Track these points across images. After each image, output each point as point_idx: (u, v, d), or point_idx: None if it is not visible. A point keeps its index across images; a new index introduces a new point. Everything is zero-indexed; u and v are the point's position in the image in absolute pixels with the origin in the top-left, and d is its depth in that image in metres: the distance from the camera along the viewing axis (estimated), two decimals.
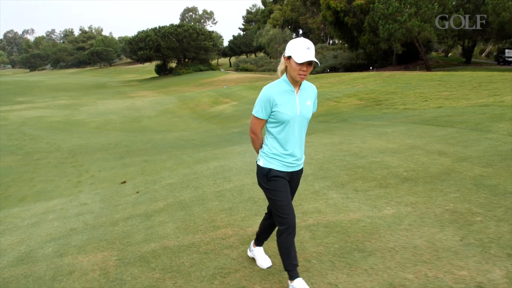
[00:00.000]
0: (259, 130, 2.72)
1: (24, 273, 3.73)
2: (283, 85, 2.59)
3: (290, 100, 2.58)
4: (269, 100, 2.55)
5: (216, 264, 3.31)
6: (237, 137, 11.81)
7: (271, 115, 2.60)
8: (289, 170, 2.71)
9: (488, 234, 3.38)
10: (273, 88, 2.58)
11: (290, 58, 2.47)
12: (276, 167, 2.66)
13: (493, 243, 3.22)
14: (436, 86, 18.23)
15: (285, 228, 2.64)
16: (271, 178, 2.65)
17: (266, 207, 3.02)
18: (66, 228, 4.86)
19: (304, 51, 2.42)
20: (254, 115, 2.65)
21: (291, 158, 2.68)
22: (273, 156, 2.67)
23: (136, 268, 3.45)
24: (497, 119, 8.12)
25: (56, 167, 9.80)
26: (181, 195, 5.47)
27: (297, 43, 2.46)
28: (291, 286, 2.68)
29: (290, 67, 2.49)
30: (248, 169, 6.38)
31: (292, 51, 2.45)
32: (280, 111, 2.55)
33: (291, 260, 2.67)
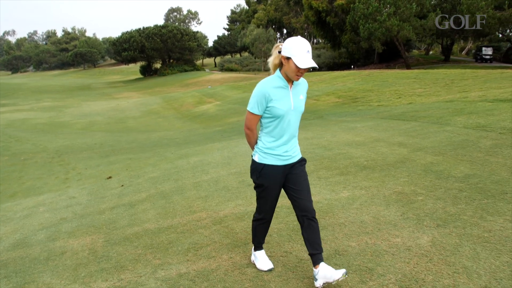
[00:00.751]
0: (254, 125, 2.77)
1: (20, 255, 4.18)
2: (277, 81, 2.65)
3: (284, 96, 2.64)
4: (264, 96, 2.61)
5: (191, 241, 3.81)
6: (218, 135, 12.30)
7: (266, 110, 2.65)
8: (285, 163, 2.77)
9: (425, 210, 3.94)
10: (268, 84, 2.63)
11: (290, 60, 2.51)
12: (270, 161, 2.73)
13: (427, 217, 3.78)
14: (411, 83, 18.97)
15: (261, 218, 2.97)
16: (263, 174, 2.75)
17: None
18: (56, 218, 5.30)
19: (305, 55, 2.48)
20: (250, 111, 2.69)
21: (285, 151, 2.75)
22: (267, 151, 2.73)
23: (121, 247, 3.92)
24: (457, 113, 8.76)
25: (44, 166, 10.17)
26: (162, 187, 5.95)
27: (298, 45, 2.49)
28: (253, 254, 3.18)
29: (288, 67, 2.55)
30: (225, 163, 6.88)
31: (293, 53, 2.49)
32: (275, 106, 2.61)
33: (259, 239, 3.11)
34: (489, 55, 45.34)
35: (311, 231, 2.77)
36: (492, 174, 4.80)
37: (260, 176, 2.76)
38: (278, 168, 2.75)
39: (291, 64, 2.51)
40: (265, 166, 2.74)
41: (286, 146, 2.74)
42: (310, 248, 2.79)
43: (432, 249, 3.17)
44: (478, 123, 7.50)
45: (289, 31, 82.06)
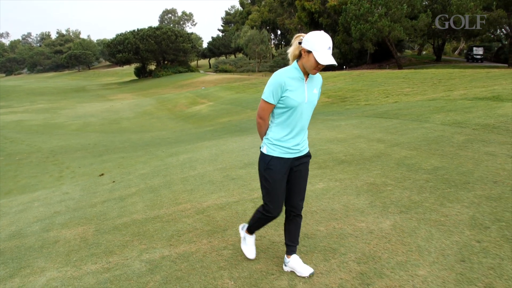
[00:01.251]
0: (267, 115, 2.74)
1: (16, 245, 4.46)
2: (294, 72, 2.62)
3: (300, 87, 2.63)
4: (280, 85, 2.59)
5: (174, 228, 4.11)
6: (209, 134, 12.61)
7: (280, 100, 2.63)
8: (292, 156, 2.76)
9: (391, 198, 4.27)
10: (285, 74, 2.61)
11: (310, 54, 2.48)
12: (278, 154, 2.72)
13: (393, 204, 4.10)
14: (400, 83, 19.36)
15: (265, 215, 2.91)
16: (270, 166, 2.73)
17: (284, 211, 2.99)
18: (50, 211, 5.59)
19: (326, 51, 2.46)
20: (264, 100, 2.67)
21: (293, 144, 2.74)
22: (276, 142, 2.72)
23: (110, 235, 4.22)
24: (437, 111, 9.11)
25: (38, 165, 10.43)
26: (151, 182, 6.26)
27: (320, 40, 2.46)
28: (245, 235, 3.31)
29: (307, 60, 2.52)
30: (212, 159, 7.19)
31: (315, 47, 2.46)
32: (289, 96, 2.59)
33: (256, 228, 3.18)
34: (480, 55, 45.89)
35: (294, 225, 2.95)
36: (459, 166, 5.14)
37: (267, 168, 2.75)
38: (285, 160, 2.75)
39: (311, 58, 2.49)
40: (272, 158, 2.74)
41: (296, 139, 2.74)
42: (288, 239, 2.98)
43: (392, 232, 3.50)
44: (455, 120, 7.86)
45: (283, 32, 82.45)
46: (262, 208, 2.94)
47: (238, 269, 3.13)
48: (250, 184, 5.27)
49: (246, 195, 4.83)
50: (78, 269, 3.49)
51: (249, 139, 9.17)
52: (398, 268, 2.92)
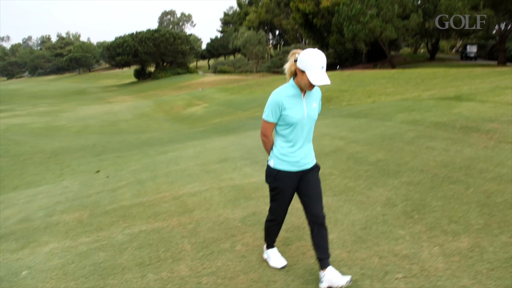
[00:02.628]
0: (270, 133, 2.86)
1: (25, 227, 5.40)
2: (291, 90, 2.72)
3: (298, 104, 2.72)
4: (278, 105, 2.69)
5: (153, 211, 5.05)
6: (199, 135, 13.56)
7: (280, 118, 2.73)
8: (299, 169, 2.87)
9: (331, 185, 5.20)
10: (282, 93, 2.72)
11: (304, 73, 2.57)
12: (285, 167, 2.83)
13: (330, 190, 5.03)
14: (385, 83, 20.27)
15: (272, 220, 3.13)
16: (278, 179, 2.86)
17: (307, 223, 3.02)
18: (52, 201, 6.53)
19: (319, 71, 2.53)
20: (265, 119, 2.79)
21: (299, 158, 2.84)
22: (282, 157, 2.83)
23: (101, 218, 5.16)
24: (402, 110, 10.02)
25: (41, 165, 11.40)
26: (139, 176, 7.21)
27: (313, 60, 2.54)
28: (265, 252, 3.40)
29: (302, 79, 2.61)
30: (194, 156, 8.14)
31: (308, 67, 2.54)
32: (288, 114, 2.69)
33: (271, 239, 3.31)
34: (474, 53, 46.69)
35: (320, 237, 2.92)
36: (399, 158, 6.07)
37: (275, 180, 2.88)
38: (292, 174, 2.85)
39: (305, 78, 2.57)
40: (279, 172, 2.85)
41: (301, 152, 2.83)
42: (319, 253, 2.93)
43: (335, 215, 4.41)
44: (414, 119, 8.77)
45: (280, 32, 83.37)
46: (268, 216, 3.16)
47: (196, 237, 4.07)
48: (221, 176, 6.21)
49: (215, 185, 5.77)
50: (74, 241, 4.44)
51: (232, 139, 10.12)
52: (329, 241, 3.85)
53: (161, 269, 3.49)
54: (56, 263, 3.91)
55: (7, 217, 6.13)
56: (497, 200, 4.20)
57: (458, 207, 4.13)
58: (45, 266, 3.88)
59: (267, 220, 3.19)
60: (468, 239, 3.46)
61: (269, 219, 3.17)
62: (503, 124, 7.35)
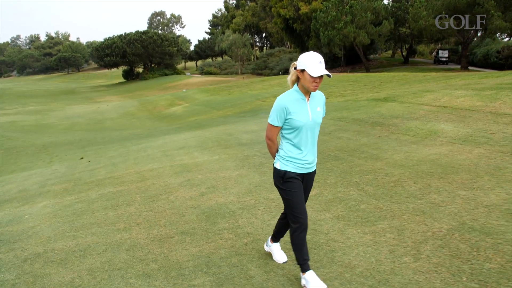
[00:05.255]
0: (275, 136, 2.92)
1: (24, 195, 7.24)
2: (295, 95, 2.80)
3: (302, 108, 2.79)
4: (283, 109, 2.76)
5: (120, 180, 6.92)
6: (173, 131, 15.41)
7: (286, 122, 2.80)
8: (303, 171, 2.94)
9: (250, 162, 7.10)
10: (286, 98, 2.79)
11: (304, 71, 2.66)
12: (291, 169, 2.88)
13: (247, 165, 6.93)
14: (347, 86, 22.27)
15: (297, 227, 2.89)
16: (287, 179, 2.88)
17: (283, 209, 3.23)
18: (44, 179, 8.37)
19: (317, 65, 2.63)
20: (270, 123, 2.86)
21: (305, 161, 2.91)
22: (289, 159, 2.89)
23: (82, 187, 7.02)
24: (339, 109, 11.98)
25: (33, 155, 13.18)
26: (114, 160, 9.08)
27: (310, 58, 2.66)
28: (303, 277, 3.00)
29: (304, 79, 2.69)
30: (160, 146, 10.03)
31: (306, 65, 2.65)
32: (294, 118, 2.76)
33: (303, 255, 2.95)
34: (446, 58, 49.16)
35: (285, 226, 3.27)
36: None
37: (285, 181, 2.90)
38: (298, 174, 2.93)
39: (306, 75, 2.66)
40: (287, 172, 2.89)
41: (306, 155, 2.90)
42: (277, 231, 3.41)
43: (236, 177, 6.32)
44: (342, 116, 10.74)
45: (266, 35, 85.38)
46: (293, 223, 2.93)
47: (145, 193, 5.96)
48: (175, 158, 8.12)
49: (168, 164, 7.67)
50: (61, 199, 6.30)
51: (196, 133, 12.01)
52: (225, 190, 5.76)
53: (118, 210, 5.37)
54: (48, 211, 5.78)
55: (9, 190, 7.97)
56: (355, 170, 6.14)
57: (325, 173, 6.05)
58: (40, 212, 5.75)
59: (293, 231, 2.94)
60: (317, 190, 5.38)
61: (294, 229, 2.93)
62: (403, 120, 9.33)
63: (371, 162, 6.38)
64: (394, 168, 5.93)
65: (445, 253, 3.38)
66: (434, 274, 3.11)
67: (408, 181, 5.26)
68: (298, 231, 2.91)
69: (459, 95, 11.12)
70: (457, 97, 10.97)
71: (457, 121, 8.60)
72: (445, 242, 3.57)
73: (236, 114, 18.10)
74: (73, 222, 5.08)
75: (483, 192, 4.64)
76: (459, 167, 5.65)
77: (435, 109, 9.99)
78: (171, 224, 4.58)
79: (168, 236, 4.24)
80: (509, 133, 7.18)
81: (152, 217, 4.89)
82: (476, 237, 3.61)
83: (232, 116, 17.65)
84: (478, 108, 9.51)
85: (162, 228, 4.50)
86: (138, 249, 4.00)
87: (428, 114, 9.60)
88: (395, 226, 3.99)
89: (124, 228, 4.63)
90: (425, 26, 32.01)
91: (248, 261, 3.52)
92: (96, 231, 4.65)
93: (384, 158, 6.53)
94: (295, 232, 2.92)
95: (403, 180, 5.34)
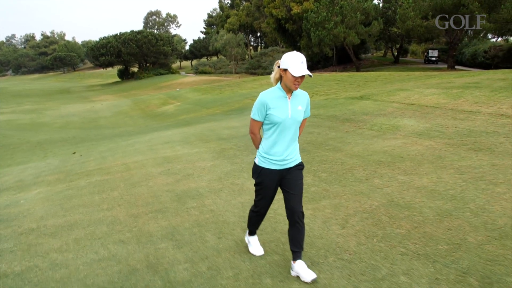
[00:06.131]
0: (257, 130, 3.05)
1: (20, 184, 7.94)
2: (277, 92, 2.91)
3: (283, 105, 2.89)
4: (263, 105, 2.88)
5: (107, 171, 7.63)
6: (162, 128, 16.13)
7: (266, 117, 2.92)
8: (280, 168, 3.04)
9: (225, 154, 7.83)
10: (268, 95, 2.91)
11: (287, 71, 2.77)
12: (267, 165, 3.04)
13: (222, 156, 7.66)
14: (333, 85, 23.01)
15: (256, 212, 3.34)
16: (260, 176, 3.09)
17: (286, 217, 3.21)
18: (39, 171, 9.07)
19: (299, 65, 2.73)
20: (252, 118, 2.99)
21: (281, 157, 3.01)
22: (265, 155, 3.04)
23: (73, 176, 7.72)
24: (317, 107, 12.71)
25: (29, 151, 13.87)
26: (104, 154, 9.79)
27: (293, 58, 2.76)
28: (247, 237, 3.68)
29: (286, 78, 2.80)
30: (147, 141, 10.75)
31: (289, 64, 2.75)
32: (273, 114, 2.87)
33: (252, 227, 3.55)
34: (435, 57, 50.10)
35: (296, 231, 3.13)
36: None
37: (259, 176, 3.10)
38: (274, 171, 3.05)
39: (288, 75, 2.77)
40: (262, 169, 3.06)
41: (283, 151, 3.00)
42: (292, 245, 3.17)
43: (211, 167, 7.04)
44: (318, 113, 11.48)
45: (260, 35, 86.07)
46: (253, 207, 3.37)
47: (128, 181, 6.67)
48: (159, 151, 8.85)
49: (152, 156, 8.40)
50: (53, 187, 7.01)
51: (182, 129, 12.73)
52: (198, 177, 6.48)
53: (103, 194, 6.09)
54: (41, 196, 6.49)
55: (6, 180, 8.67)
56: (316, 160, 6.88)
57: None
58: (35, 198, 6.46)
59: (251, 210, 3.40)
60: None
61: (253, 210, 3.38)
62: (372, 117, 10.09)
63: (332, 154, 7.11)
64: (350, 158, 6.67)
65: (367, 223, 4.13)
66: (352, 238, 3.85)
67: (359, 169, 6.01)
68: (255, 214, 3.38)
69: (429, 93, 11.91)
70: (426, 95, 11.75)
71: (419, 117, 9.36)
72: (370, 215, 4.31)
73: (224, 112, 18.83)
74: (63, 204, 5.79)
75: (418, 177, 5.39)
76: (407, 156, 6.40)
77: (403, 107, 10.76)
78: (147, 205, 5.30)
79: (143, 214, 4.97)
80: (461, 127, 7.97)
81: (132, 200, 5.61)
82: (397, 211, 4.36)
83: (220, 114, 18.38)
84: (441, 105, 10.29)
85: (139, 207, 5.23)
86: (117, 224, 4.72)
87: (396, 111, 10.36)
88: (334, 204, 4.73)
89: (107, 208, 5.35)
90: (412, 26, 32.87)
91: (206, 231, 4.26)
92: (82, 211, 5.37)
93: (344, 150, 7.27)
94: (253, 213, 3.40)
95: (354, 168, 6.09)
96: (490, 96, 10.40)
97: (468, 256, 3.29)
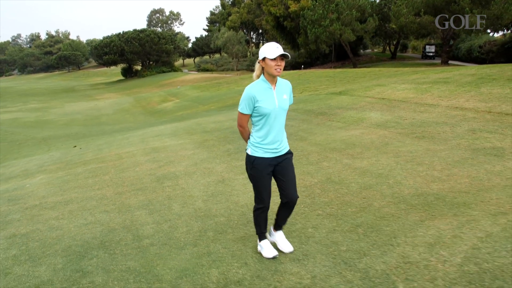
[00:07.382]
0: (245, 123, 3.16)
1: (26, 173, 9.02)
2: (262, 84, 3.03)
3: (269, 96, 3.02)
4: (251, 98, 2.99)
5: (101, 160, 8.69)
6: (159, 123, 17.19)
7: (254, 110, 3.03)
8: (274, 155, 3.16)
9: (205, 144, 8.85)
10: (254, 87, 3.02)
11: (265, 59, 2.92)
12: (261, 154, 3.13)
13: (202, 146, 8.68)
14: (325, 81, 23.94)
15: (261, 207, 3.31)
16: (254, 166, 3.15)
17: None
18: (42, 162, 10.16)
19: (275, 49, 2.88)
20: (240, 112, 3.08)
21: (274, 145, 3.13)
22: (258, 145, 3.13)
23: (72, 165, 8.78)
24: (299, 102, 13.68)
25: (34, 146, 14.99)
26: (101, 146, 10.86)
27: (268, 46, 2.93)
28: (259, 245, 3.55)
29: (266, 65, 2.94)
30: (140, 135, 11.81)
31: (265, 52, 2.91)
32: (261, 106, 2.99)
33: (261, 229, 3.47)
34: (432, 52, 50.73)
35: (286, 210, 3.38)
36: None
37: (253, 167, 3.15)
38: (267, 160, 3.14)
39: (267, 61, 2.91)
40: (256, 159, 3.13)
41: (275, 140, 3.12)
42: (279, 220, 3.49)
43: (191, 155, 8.05)
44: (297, 107, 12.45)
45: (261, 32, 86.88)
46: (256, 206, 3.35)
47: (119, 168, 7.72)
48: (149, 143, 9.90)
49: (142, 147, 9.45)
50: (54, 174, 8.08)
51: (174, 124, 13.77)
52: (178, 163, 7.50)
53: (96, 178, 7.14)
54: (44, 181, 7.56)
55: (13, 170, 9.77)
56: None
57: None
58: (38, 182, 7.53)
59: (255, 210, 3.38)
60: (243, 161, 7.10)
61: (257, 207, 3.35)
62: (344, 110, 11.04)
63: (296, 142, 8.10)
64: (311, 146, 7.65)
65: (302, 195, 5.08)
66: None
67: (314, 154, 6.99)
68: (259, 211, 3.35)
69: (401, 89, 12.85)
70: (399, 90, 12.69)
71: (385, 110, 10.31)
72: (307, 189, 5.30)
73: (218, 108, 19.84)
74: (62, 186, 6.86)
75: (360, 160, 6.36)
76: (359, 144, 7.37)
77: (374, 101, 11.71)
78: (131, 185, 6.35)
79: (127, 192, 6.02)
80: (417, 119, 8.92)
81: (119, 182, 6.66)
82: (330, 185, 5.34)
83: (214, 110, 19.40)
84: (408, 99, 11.24)
85: (124, 187, 6.27)
86: (104, 199, 5.77)
87: (367, 105, 11.31)
88: None
89: (98, 188, 6.40)
90: (405, 23, 33.66)
91: (174, 202, 5.29)
92: (77, 191, 6.43)
93: (308, 139, 8.25)
94: (257, 211, 3.36)
95: (311, 154, 7.07)
96: (453, 90, 11.30)
97: (366, 215, 4.28)
